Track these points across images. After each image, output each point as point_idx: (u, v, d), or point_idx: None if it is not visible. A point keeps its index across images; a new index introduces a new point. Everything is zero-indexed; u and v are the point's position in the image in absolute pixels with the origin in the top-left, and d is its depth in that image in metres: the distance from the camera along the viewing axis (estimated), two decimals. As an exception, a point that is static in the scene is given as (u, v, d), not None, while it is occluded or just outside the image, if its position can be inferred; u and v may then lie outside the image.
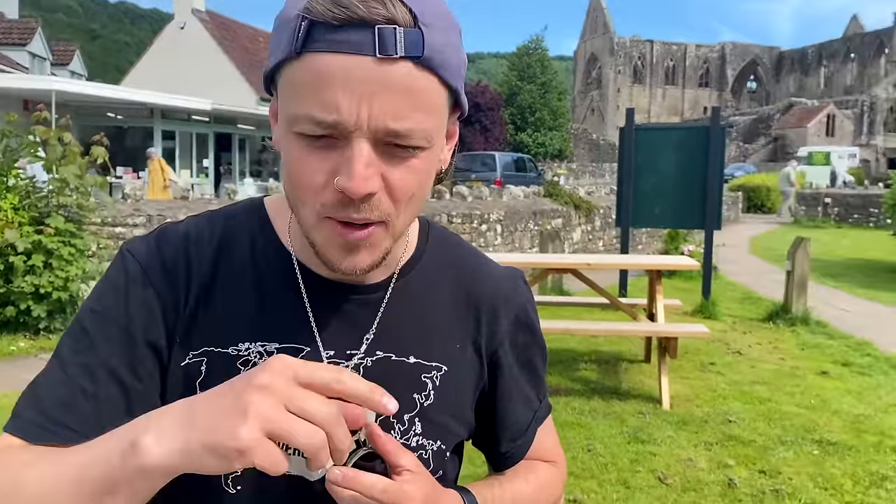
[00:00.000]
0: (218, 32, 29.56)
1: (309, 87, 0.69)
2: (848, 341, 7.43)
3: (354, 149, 0.69)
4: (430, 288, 0.93)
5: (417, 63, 0.69)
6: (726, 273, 12.24)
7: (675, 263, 5.92)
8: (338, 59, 0.68)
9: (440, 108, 0.74)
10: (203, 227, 0.88)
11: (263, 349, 0.83)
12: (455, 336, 0.93)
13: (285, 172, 0.77)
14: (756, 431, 4.72)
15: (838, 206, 24.75)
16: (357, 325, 0.86)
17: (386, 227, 0.76)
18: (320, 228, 0.75)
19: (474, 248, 1.02)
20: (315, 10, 0.68)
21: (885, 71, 73.81)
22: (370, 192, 0.71)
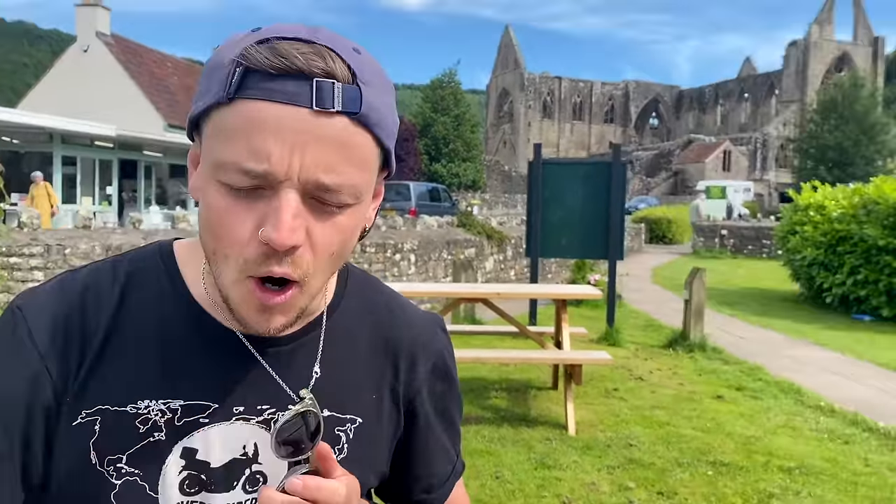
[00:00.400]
0: (123, 56, 28.74)
1: (239, 134, 0.67)
2: (741, 366, 7.82)
3: (282, 199, 0.67)
4: (347, 338, 0.89)
5: (354, 119, 0.68)
6: (630, 301, 12.68)
7: (579, 293, 6.13)
8: (272, 108, 0.66)
9: (371, 165, 0.73)
10: (105, 276, 0.82)
11: (166, 406, 0.78)
12: (371, 386, 0.90)
13: (204, 222, 0.73)
14: (655, 454, 4.92)
15: (734, 238, 26.05)
16: (270, 378, 0.82)
17: (301, 288, 0.73)
18: (238, 287, 0.72)
19: (394, 293, 0.99)
20: (252, 58, 0.67)
21: (775, 110, 78.56)
22: (296, 244, 0.69)
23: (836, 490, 4.39)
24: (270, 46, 0.67)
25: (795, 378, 7.35)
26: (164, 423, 0.78)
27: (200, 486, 0.79)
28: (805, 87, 73.62)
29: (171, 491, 0.78)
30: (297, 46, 0.67)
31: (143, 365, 0.79)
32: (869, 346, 9.44)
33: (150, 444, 0.78)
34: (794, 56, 77.04)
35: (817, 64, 75.17)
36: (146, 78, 29.10)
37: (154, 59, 31.53)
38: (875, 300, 11.75)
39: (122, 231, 9.22)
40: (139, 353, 0.79)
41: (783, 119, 72.02)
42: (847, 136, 54.13)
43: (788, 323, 11.27)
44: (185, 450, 0.79)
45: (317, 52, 0.68)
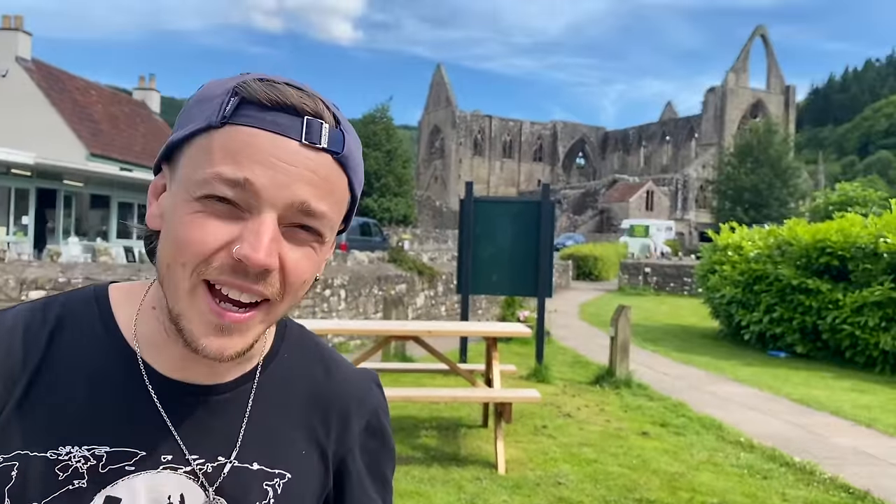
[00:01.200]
0: (45, 83, 27.87)
1: (228, 151, 0.69)
2: (665, 403, 8.01)
3: (264, 220, 0.69)
4: (282, 390, 0.88)
5: (336, 158, 0.73)
6: (558, 338, 12.87)
7: (509, 331, 6.19)
8: (263, 135, 0.69)
9: (342, 207, 0.77)
10: (34, 316, 0.80)
11: (90, 453, 0.76)
12: (302, 441, 0.88)
13: (167, 236, 0.73)
14: (584, 493, 4.97)
15: (657, 276, 26.82)
16: (200, 427, 0.81)
17: (266, 311, 0.74)
18: (193, 298, 0.71)
19: (330, 349, 0.98)
20: (249, 88, 0.70)
21: (695, 153, 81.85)
22: (271, 266, 0.70)
23: (756, 525, 4.52)
24: (266, 82, 0.71)
25: (717, 414, 7.57)
26: (87, 470, 0.75)
27: None
28: (722, 132, 77.07)
29: None
30: (290, 89, 0.72)
31: (69, 409, 0.77)
32: (784, 381, 9.81)
33: (68, 492, 0.75)
34: (713, 101, 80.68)
35: (734, 109, 78.90)
36: (68, 105, 28.26)
37: (77, 87, 30.68)
38: (790, 337, 12.25)
39: (39, 264, 8.85)
40: (66, 396, 0.77)
41: (702, 161, 75.06)
42: (762, 179, 56.81)
43: (709, 359, 11.63)
44: (108, 499, 0.76)
45: (308, 95, 0.72)
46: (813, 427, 7.28)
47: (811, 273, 12.14)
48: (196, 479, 0.79)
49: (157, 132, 35.52)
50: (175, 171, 0.75)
